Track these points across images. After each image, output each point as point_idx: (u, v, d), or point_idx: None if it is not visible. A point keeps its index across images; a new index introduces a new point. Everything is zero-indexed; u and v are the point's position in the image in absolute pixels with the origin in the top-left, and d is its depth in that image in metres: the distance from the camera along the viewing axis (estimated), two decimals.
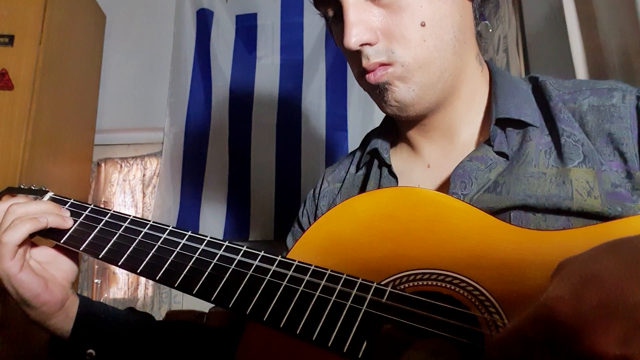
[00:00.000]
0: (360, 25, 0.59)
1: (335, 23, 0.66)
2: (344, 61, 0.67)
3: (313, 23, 2.16)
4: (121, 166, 2.25)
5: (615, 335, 0.29)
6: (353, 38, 0.59)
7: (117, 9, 2.35)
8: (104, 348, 0.68)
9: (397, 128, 0.75)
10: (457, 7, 0.63)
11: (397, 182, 0.69)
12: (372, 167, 0.74)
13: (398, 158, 0.73)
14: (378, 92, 0.63)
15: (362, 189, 0.74)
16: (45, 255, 0.69)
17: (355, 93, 2.08)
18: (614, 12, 1.00)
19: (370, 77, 0.62)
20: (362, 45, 0.60)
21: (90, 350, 0.67)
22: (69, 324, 0.67)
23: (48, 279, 0.66)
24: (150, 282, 2.09)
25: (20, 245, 0.63)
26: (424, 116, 0.67)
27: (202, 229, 2.03)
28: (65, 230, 0.68)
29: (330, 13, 0.65)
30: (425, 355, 0.48)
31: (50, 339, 0.69)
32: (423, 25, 0.59)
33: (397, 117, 0.69)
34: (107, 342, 0.69)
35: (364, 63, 0.61)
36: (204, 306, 1.42)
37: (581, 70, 1.13)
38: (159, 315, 1.99)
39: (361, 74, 0.64)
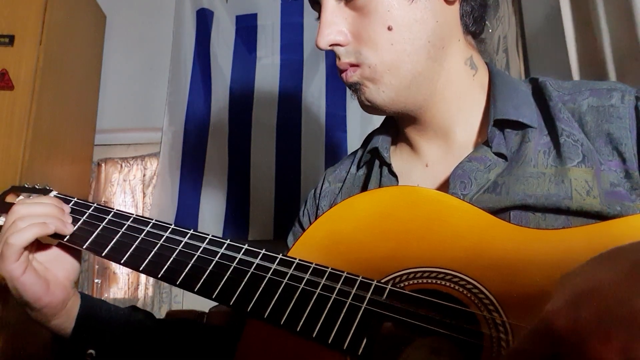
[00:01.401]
0: (332, 27, 0.63)
1: None
2: None
3: (313, 23, 2.14)
4: (121, 166, 2.25)
5: (616, 345, 0.29)
6: (324, 38, 0.63)
7: (117, 9, 2.34)
8: (105, 348, 0.69)
9: (397, 127, 0.75)
10: (432, 13, 0.63)
11: (398, 180, 0.69)
12: (373, 166, 0.74)
13: (398, 157, 0.74)
14: (353, 91, 0.66)
15: (364, 188, 0.74)
16: (48, 254, 0.69)
17: None
18: (610, 13, 1.00)
19: (343, 77, 0.66)
20: (332, 45, 0.64)
21: (90, 351, 0.67)
22: (70, 324, 0.67)
23: (50, 281, 0.66)
24: (151, 281, 2.09)
25: (25, 247, 0.63)
26: (413, 116, 0.68)
27: (200, 228, 2.01)
28: None
29: (317, 14, 0.68)
30: (425, 353, 0.48)
31: (53, 338, 0.69)
32: (390, 29, 0.61)
33: (380, 114, 0.71)
34: (108, 342, 0.69)
35: (337, 62, 0.65)
36: (204, 306, 1.43)
37: (578, 71, 1.13)
38: (159, 315, 1.99)
39: (339, 72, 0.67)
